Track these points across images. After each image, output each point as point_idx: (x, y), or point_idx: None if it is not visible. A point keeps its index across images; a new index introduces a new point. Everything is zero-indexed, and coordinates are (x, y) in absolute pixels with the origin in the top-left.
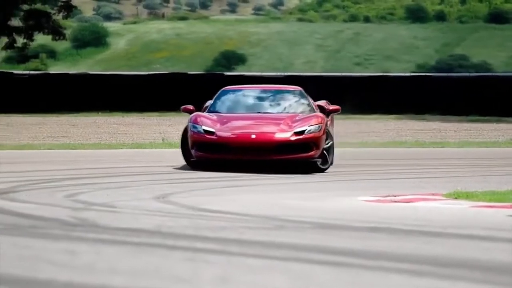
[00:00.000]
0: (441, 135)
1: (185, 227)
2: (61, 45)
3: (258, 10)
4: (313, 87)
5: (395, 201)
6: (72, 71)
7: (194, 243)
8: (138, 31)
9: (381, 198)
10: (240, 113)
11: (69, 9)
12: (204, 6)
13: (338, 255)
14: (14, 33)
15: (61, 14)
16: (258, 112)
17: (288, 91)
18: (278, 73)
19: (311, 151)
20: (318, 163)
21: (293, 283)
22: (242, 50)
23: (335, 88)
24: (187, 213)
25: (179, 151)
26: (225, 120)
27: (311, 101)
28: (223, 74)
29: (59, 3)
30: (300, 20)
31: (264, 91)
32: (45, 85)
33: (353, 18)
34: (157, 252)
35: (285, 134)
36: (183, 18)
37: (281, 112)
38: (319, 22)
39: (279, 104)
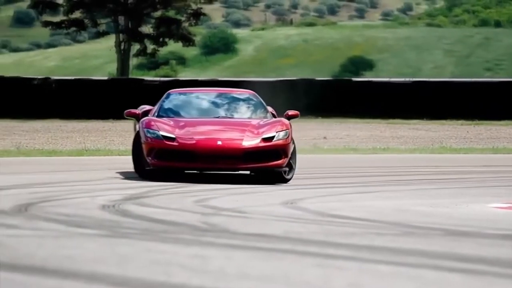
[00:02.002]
0: None
1: (315, 233)
2: (191, 52)
3: (386, 15)
4: (441, 93)
5: None
6: (201, 77)
7: (324, 249)
8: (266, 37)
9: None
10: (198, 118)
11: (199, 17)
12: (332, 11)
13: (469, 262)
14: (145, 40)
15: (190, 21)
16: (217, 117)
17: (241, 95)
18: (406, 79)
19: (280, 159)
20: (284, 172)
21: None
22: (370, 56)
23: (463, 94)
24: (316, 219)
25: (309, 157)
26: (182, 125)
27: (266, 106)
28: (351, 80)
29: (189, 11)
30: (428, 25)
31: (215, 94)
32: None
33: (483, 23)
34: (287, 258)
35: (253, 141)
36: (310, 24)
37: (242, 117)
38: (448, 27)
39: (235, 108)
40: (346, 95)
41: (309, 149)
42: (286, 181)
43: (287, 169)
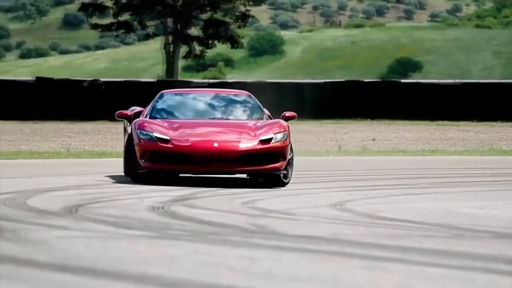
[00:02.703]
0: None
1: (362, 235)
2: (238, 54)
3: (434, 16)
4: (491, 94)
5: None
6: (249, 79)
7: (372, 251)
8: (313, 39)
9: None
10: (193, 119)
11: (246, 19)
12: (380, 13)
13: None
14: (193, 42)
15: (238, 23)
16: (212, 118)
17: (237, 96)
18: (455, 80)
19: (278, 162)
20: (282, 176)
21: None
22: (418, 57)
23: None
24: (364, 221)
25: (357, 159)
26: (176, 126)
27: (262, 107)
28: (399, 82)
29: (237, 13)
30: (477, 26)
31: (210, 95)
32: None
33: None
34: (335, 260)
35: (250, 143)
36: (358, 26)
37: (238, 118)
38: (497, 28)
39: (230, 110)
40: (394, 97)
41: (357, 151)
42: (284, 184)
43: (285, 172)
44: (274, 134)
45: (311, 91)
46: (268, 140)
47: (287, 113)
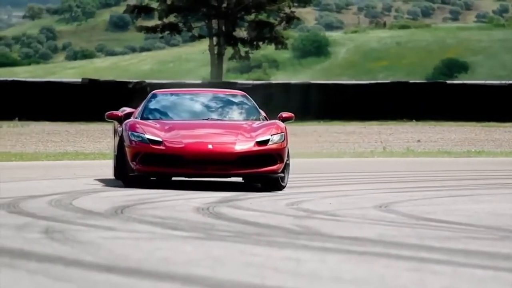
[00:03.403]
0: None
1: (408, 236)
2: (283, 55)
3: (481, 17)
4: None
5: None
6: (294, 80)
7: (419, 253)
8: (359, 40)
9: None
10: (187, 120)
11: (292, 20)
12: (426, 14)
13: None
14: (238, 44)
15: (283, 25)
16: (207, 119)
17: (232, 96)
18: (502, 82)
19: (275, 165)
20: (280, 179)
21: None
22: (464, 58)
23: None
24: (409, 222)
25: (402, 160)
26: (169, 127)
27: (258, 108)
28: (445, 83)
29: (282, 14)
30: None
31: (204, 95)
32: (268, 94)
33: None
34: (381, 261)
35: (246, 145)
36: (404, 27)
37: (233, 119)
38: None
39: (226, 110)
40: (440, 98)
41: (402, 152)
42: (281, 188)
43: (282, 175)
44: (271, 135)
45: (355, 92)
46: (265, 142)
47: (284, 114)
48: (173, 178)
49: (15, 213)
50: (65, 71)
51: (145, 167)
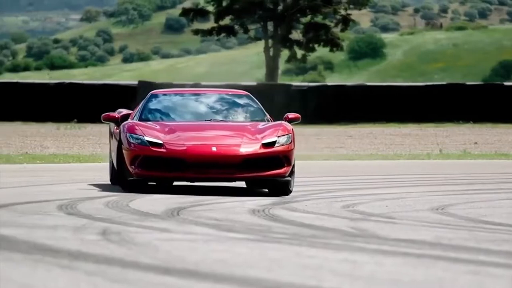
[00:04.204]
0: None
1: (466, 239)
2: (338, 57)
3: None
4: None
5: None
6: (349, 82)
7: (476, 256)
8: (414, 42)
9: None
10: (188, 122)
11: (347, 22)
12: (483, 15)
13: None
14: (294, 46)
15: (339, 27)
16: (209, 120)
17: (235, 96)
18: None
19: (282, 168)
20: (287, 183)
21: None
22: None
23: None
24: (467, 225)
25: (459, 162)
26: (170, 129)
27: (263, 108)
28: (503, 85)
29: (338, 16)
30: None
31: (206, 95)
32: (323, 97)
33: None
34: (439, 264)
35: (252, 147)
36: (460, 28)
37: (238, 120)
38: None
39: (229, 111)
40: (497, 100)
41: (458, 155)
42: (289, 192)
43: (289, 178)
44: (278, 137)
45: (411, 94)
46: (271, 144)
47: (290, 115)
48: (174, 183)
49: (72, 214)
50: (121, 74)
51: (144, 171)
